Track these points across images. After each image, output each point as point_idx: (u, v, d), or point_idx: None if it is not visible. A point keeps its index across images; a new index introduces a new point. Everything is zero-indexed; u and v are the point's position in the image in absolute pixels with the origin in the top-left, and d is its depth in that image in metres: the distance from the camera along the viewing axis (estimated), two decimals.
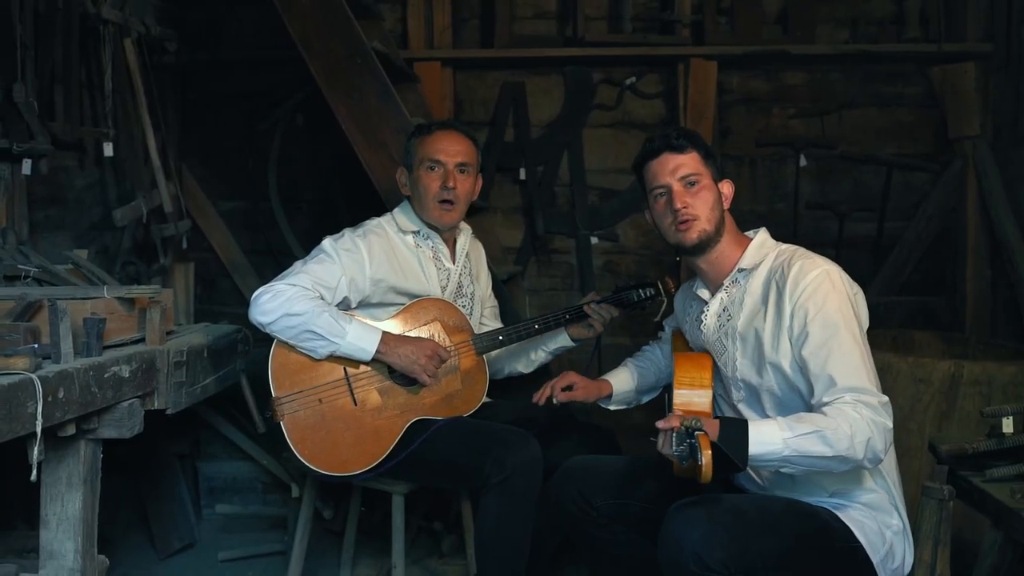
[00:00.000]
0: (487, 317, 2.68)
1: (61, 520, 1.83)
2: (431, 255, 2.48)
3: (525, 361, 2.64)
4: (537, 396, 2.31)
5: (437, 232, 2.48)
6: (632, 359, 2.44)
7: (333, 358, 2.24)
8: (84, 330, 1.83)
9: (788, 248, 1.98)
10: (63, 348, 1.72)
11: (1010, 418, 1.95)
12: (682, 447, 1.65)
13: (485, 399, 2.44)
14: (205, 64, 3.63)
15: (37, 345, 1.74)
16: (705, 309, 2.04)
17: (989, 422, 2.00)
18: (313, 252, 2.34)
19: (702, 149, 2.00)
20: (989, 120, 3.45)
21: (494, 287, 2.78)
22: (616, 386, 2.36)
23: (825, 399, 1.75)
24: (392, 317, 2.35)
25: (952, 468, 1.98)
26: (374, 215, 2.53)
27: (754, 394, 1.95)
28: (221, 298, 3.80)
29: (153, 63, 3.27)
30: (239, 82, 3.69)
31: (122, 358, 1.89)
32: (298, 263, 2.31)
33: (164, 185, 3.19)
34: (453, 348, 2.38)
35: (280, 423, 2.18)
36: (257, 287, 3.61)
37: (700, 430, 1.65)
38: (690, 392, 2.03)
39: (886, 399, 1.77)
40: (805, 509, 1.83)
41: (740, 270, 1.98)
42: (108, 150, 3.03)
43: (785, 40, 3.54)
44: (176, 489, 3.11)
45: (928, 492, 1.87)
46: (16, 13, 2.57)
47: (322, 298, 2.23)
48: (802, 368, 1.82)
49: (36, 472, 1.60)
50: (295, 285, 2.21)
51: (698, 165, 1.97)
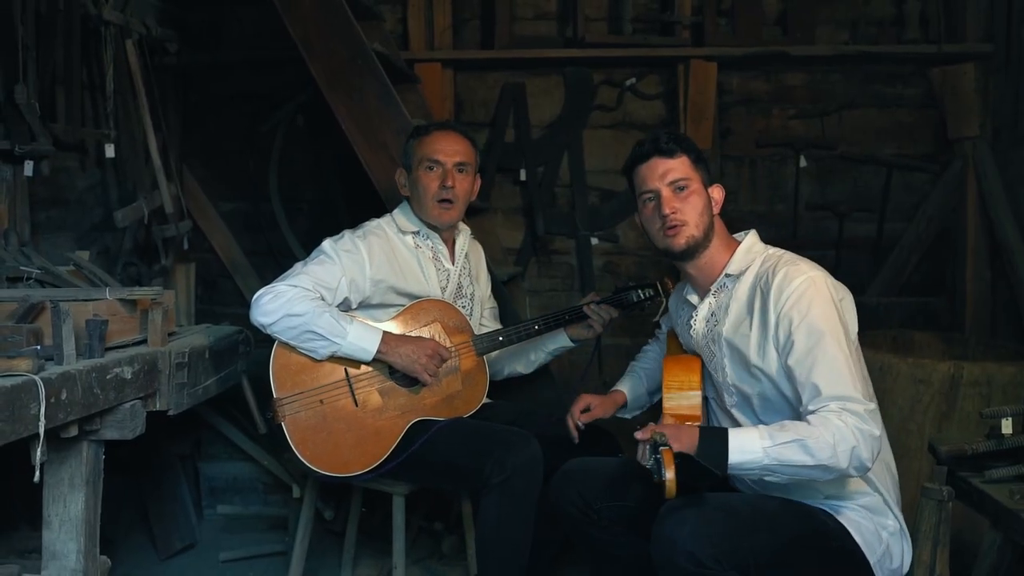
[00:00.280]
0: (486, 318, 2.69)
1: (63, 521, 1.83)
2: (431, 255, 2.49)
3: (525, 362, 2.65)
4: (573, 435, 2.30)
5: (436, 232, 2.49)
6: (636, 362, 2.46)
7: (334, 359, 2.25)
8: (86, 332, 1.84)
9: (775, 253, 1.96)
10: (65, 350, 1.73)
11: (1009, 419, 1.95)
12: (651, 461, 1.66)
13: (485, 400, 2.45)
14: (206, 65, 3.63)
15: (40, 347, 1.75)
16: (694, 314, 2.04)
17: (988, 423, 2.00)
18: (313, 253, 2.35)
19: (692, 153, 1.98)
20: (989, 121, 3.45)
21: (494, 288, 2.79)
22: (628, 394, 2.38)
23: (811, 407, 1.75)
24: (392, 318, 2.36)
25: (951, 469, 1.98)
26: (374, 216, 2.54)
27: (745, 399, 1.95)
28: (222, 299, 3.80)
29: (154, 64, 3.28)
30: (240, 83, 3.69)
31: (124, 359, 1.89)
32: (298, 264, 2.32)
33: (165, 186, 3.20)
34: (453, 349, 2.39)
35: (281, 424, 2.19)
36: (258, 288, 3.62)
37: (665, 445, 1.66)
38: (679, 395, 2.04)
39: (873, 406, 1.75)
40: (800, 509, 1.83)
41: (727, 275, 1.97)
42: (109, 151, 3.04)
43: (785, 41, 3.54)
44: (177, 490, 3.12)
45: (927, 493, 1.87)
46: (18, 14, 2.58)
47: (323, 299, 2.24)
48: (789, 376, 1.82)
49: (39, 473, 1.60)
50: (296, 286, 2.22)
51: (688, 170, 1.95)
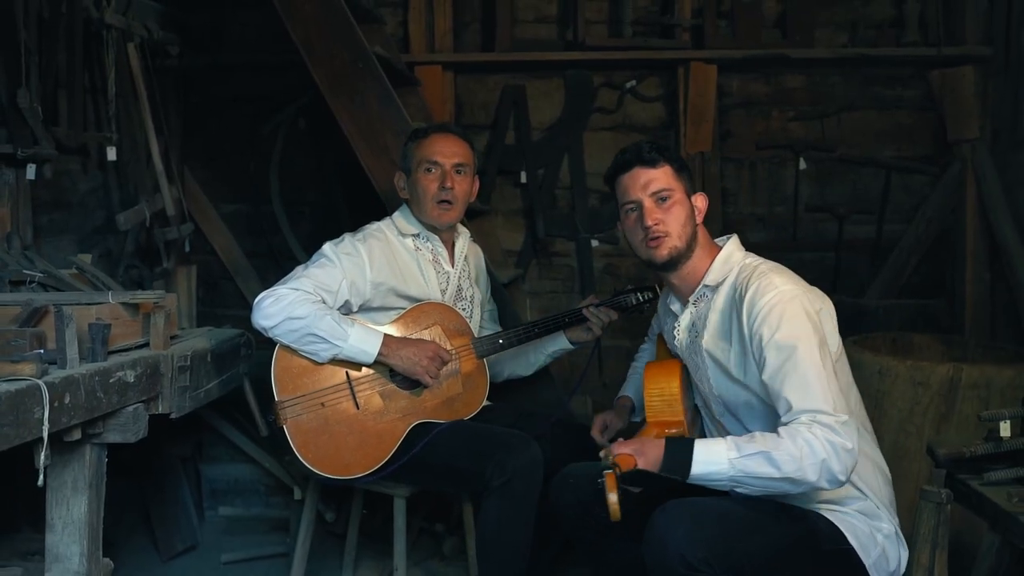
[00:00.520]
0: (486, 320, 2.70)
1: (67, 524, 1.84)
2: (431, 258, 2.50)
3: (524, 364, 2.66)
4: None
5: (436, 234, 2.51)
6: (635, 363, 2.47)
7: (335, 362, 2.26)
8: (89, 335, 1.85)
9: (751, 263, 1.94)
10: (69, 354, 1.74)
11: (1007, 422, 1.96)
12: (599, 482, 1.68)
13: (486, 402, 2.46)
14: (207, 68, 3.65)
15: (43, 351, 1.76)
16: (676, 324, 2.04)
17: (987, 426, 2.01)
18: (314, 257, 2.36)
19: (675, 162, 1.96)
20: (988, 124, 3.47)
21: (493, 290, 2.80)
22: (634, 397, 2.38)
23: (784, 420, 1.75)
24: (393, 322, 2.37)
25: (950, 471, 1.99)
26: (375, 218, 2.55)
27: (732, 409, 1.95)
28: (223, 301, 3.82)
29: (155, 67, 3.28)
30: (241, 86, 3.70)
31: (127, 363, 1.90)
32: (299, 268, 2.33)
33: (167, 189, 3.21)
34: (454, 351, 2.40)
35: (283, 427, 2.20)
36: (259, 290, 3.64)
37: (609, 468, 1.68)
38: (660, 402, 2.05)
39: (845, 418, 1.73)
40: (794, 512, 1.83)
41: (706, 286, 1.96)
42: (111, 154, 3.05)
43: (784, 44, 3.56)
44: (179, 492, 3.13)
45: (926, 495, 1.88)
46: (20, 18, 2.59)
47: (324, 302, 2.25)
48: (765, 391, 1.82)
49: (43, 477, 1.61)
50: (297, 289, 2.23)
51: (670, 180, 1.94)
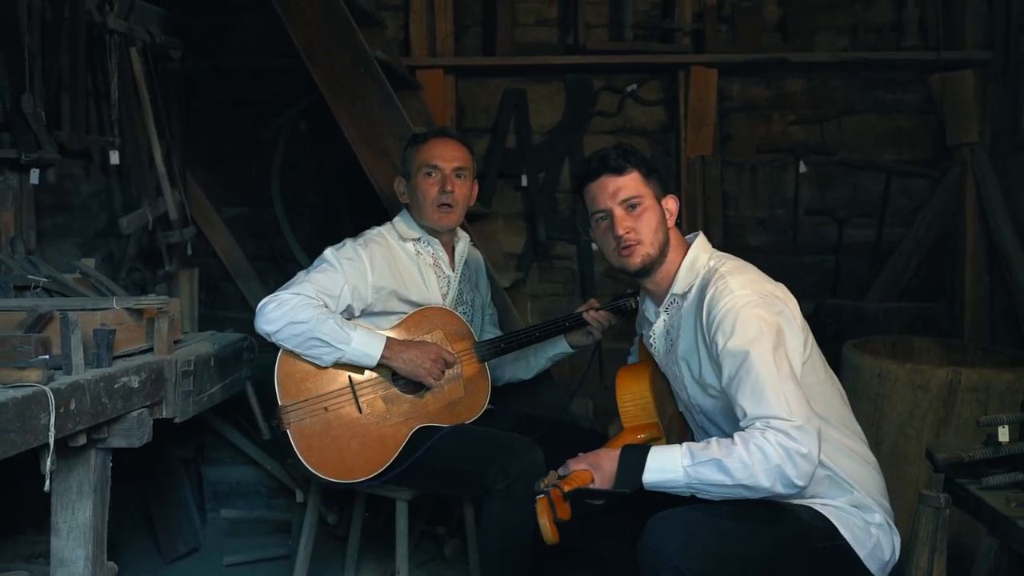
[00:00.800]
0: (486, 324, 2.72)
1: (72, 528, 1.86)
2: (431, 262, 2.52)
3: (525, 367, 2.67)
4: None
5: (437, 238, 2.52)
6: None
7: (338, 366, 2.27)
8: (94, 341, 1.86)
9: (714, 266, 1.92)
10: (74, 360, 1.75)
11: (1006, 427, 1.97)
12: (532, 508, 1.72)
13: (487, 406, 2.47)
14: (209, 72, 3.66)
15: (48, 356, 1.76)
16: (652, 332, 2.03)
17: (986, 430, 2.02)
18: (315, 262, 2.37)
19: (643, 167, 1.93)
20: (987, 127, 3.49)
21: (494, 294, 2.81)
22: None
23: (741, 426, 1.75)
24: (394, 326, 2.38)
25: (949, 476, 2.00)
26: (376, 221, 2.57)
27: (709, 415, 1.95)
28: (225, 303, 3.83)
29: (158, 71, 3.30)
30: (243, 89, 3.72)
31: (131, 368, 1.91)
32: (301, 273, 2.34)
33: (169, 192, 3.22)
34: (456, 355, 2.41)
35: (287, 431, 2.21)
36: (260, 292, 3.70)
37: (541, 494, 1.71)
38: (633, 407, 2.05)
39: (800, 423, 1.69)
40: (788, 511, 1.81)
41: (674, 295, 1.95)
42: (114, 158, 3.06)
43: (785, 48, 3.57)
44: (181, 494, 3.14)
45: (925, 500, 1.89)
46: (24, 23, 2.60)
47: (326, 306, 2.26)
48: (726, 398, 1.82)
49: (48, 482, 1.62)
50: (299, 294, 2.24)
51: (639, 186, 1.91)
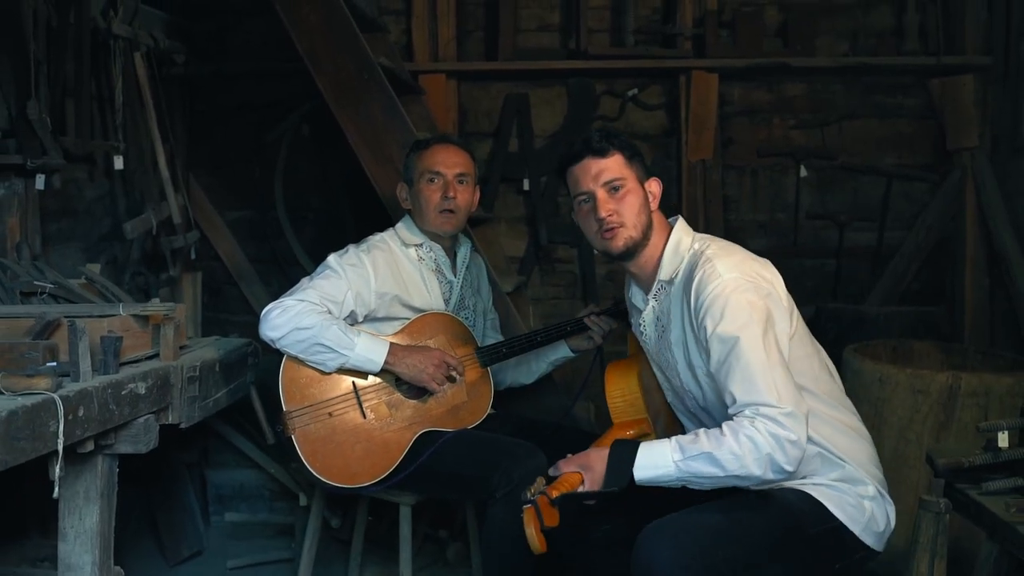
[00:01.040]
0: (488, 329, 2.73)
1: (79, 533, 1.87)
2: (434, 267, 2.53)
3: (526, 372, 2.69)
4: None
5: (439, 244, 2.54)
6: None
7: (342, 371, 2.29)
8: (101, 348, 1.87)
9: (699, 249, 1.91)
10: (82, 367, 1.76)
11: (1005, 433, 1.98)
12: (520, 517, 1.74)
13: (490, 410, 2.49)
14: (212, 76, 3.68)
15: (56, 363, 1.78)
16: (641, 320, 2.01)
17: (985, 436, 2.04)
18: (319, 269, 2.39)
19: (626, 150, 1.93)
20: (987, 132, 3.50)
21: (495, 299, 2.83)
22: None
23: (730, 413, 1.75)
24: (397, 332, 2.40)
25: (949, 481, 2.01)
26: (379, 225, 2.59)
27: (702, 402, 1.93)
28: (227, 306, 3.85)
29: (161, 75, 3.32)
30: (246, 93, 3.74)
31: (138, 375, 1.93)
32: (304, 280, 2.36)
33: (173, 197, 3.24)
34: (459, 360, 2.42)
35: (291, 437, 2.23)
36: (263, 295, 3.71)
37: (528, 503, 1.73)
38: (622, 404, 2.05)
39: (789, 409, 1.70)
40: (777, 501, 1.81)
41: (661, 281, 1.95)
42: (118, 163, 3.07)
43: (786, 52, 3.59)
44: (185, 498, 3.16)
45: (925, 505, 1.90)
46: (29, 29, 2.61)
47: (330, 312, 2.28)
48: (714, 382, 1.82)
49: (57, 488, 1.64)
50: (303, 300, 2.25)
51: (622, 168, 1.91)
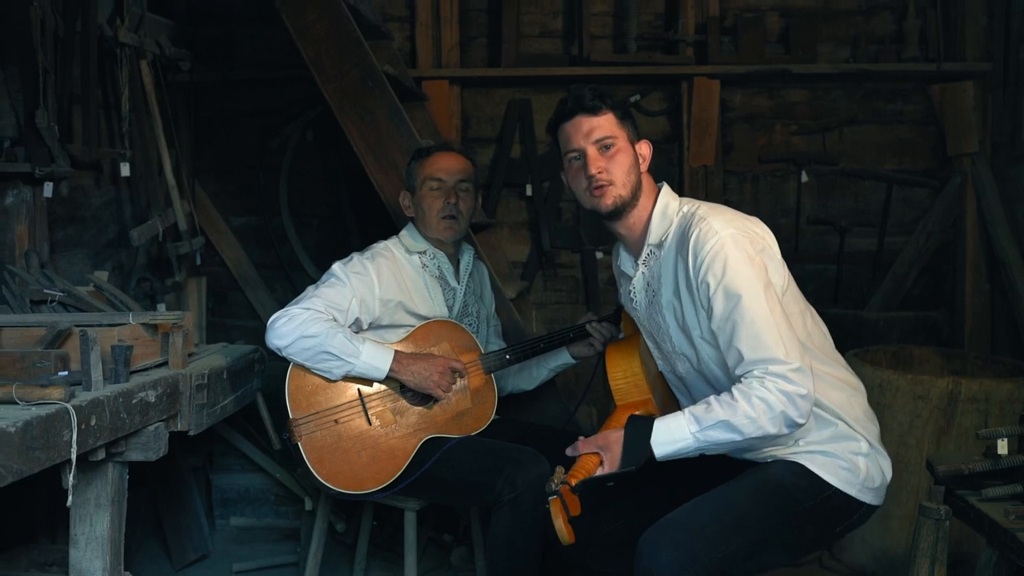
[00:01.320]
0: (491, 335, 2.76)
1: (90, 540, 1.89)
2: (437, 274, 2.56)
3: (528, 378, 2.71)
4: None
5: (443, 251, 2.56)
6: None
7: (347, 379, 2.31)
8: (112, 357, 1.90)
9: (689, 210, 1.92)
10: (94, 376, 1.79)
11: (1005, 440, 2.00)
12: (545, 508, 1.75)
13: (494, 416, 2.51)
14: (217, 82, 3.70)
15: (67, 372, 1.81)
16: (631, 286, 2.01)
17: (985, 443, 2.06)
18: (323, 277, 2.41)
19: (618, 110, 1.94)
20: (987, 138, 3.52)
21: (498, 306, 2.85)
22: None
23: (737, 372, 1.77)
24: (401, 340, 2.42)
25: (949, 487, 2.04)
26: (384, 231, 2.63)
27: (695, 365, 1.94)
28: (232, 311, 3.87)
29: (167, 82, 3.34)
30: (250, 100, 3.76)
31: (148, 383, 1.95)
32: (310, 288, 2.38)
33: (179, 203, 3.26)
34: (464, 364, 2.45)
35: (298, 444, 2.25)
36: (268, 301, 3.73)
37: (553, 495, 1.73)
38: (625, 384, 2.05)
39: (796, 364, 1.73)
40: (769, 489, 1.82)
41: (650, 245, 1.95)
42: (125, 170, 3.09)
43: (787, 59, 3.61)
44: (191, 502, 3.18)
45: (926, 512, 1.93)
46: (37, 38, 2.63)
47: (335, 320, 2.30)
48: (714, 341, 1.82)
49: (70, 497, 1.66)
50: (309, 309, 2.27)
51: (613, 127, 1.91)
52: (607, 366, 2.09)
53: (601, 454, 1.81)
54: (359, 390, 2.33)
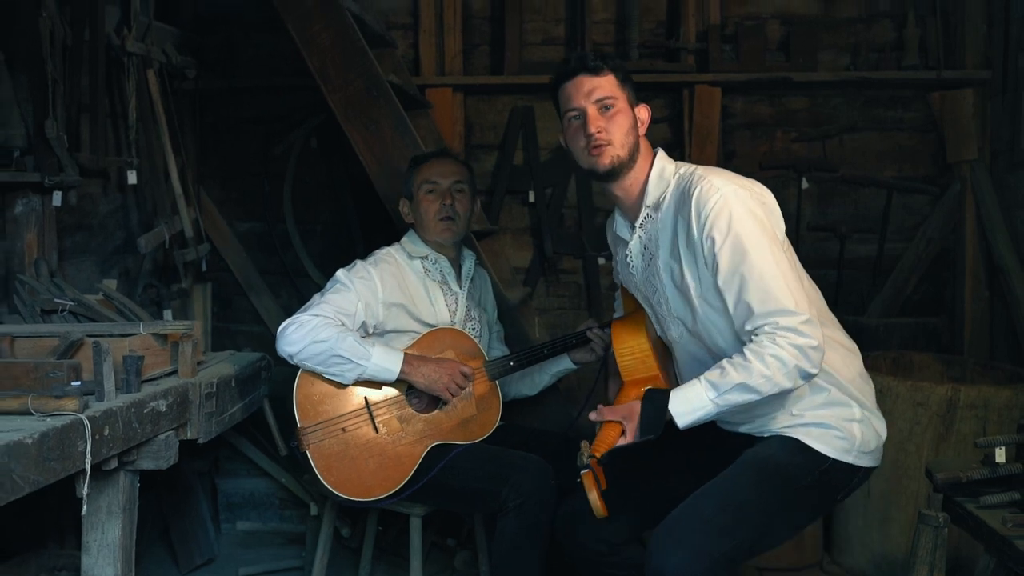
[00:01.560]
0: (494, 341, 2.79)
1: (102, 547, 1.92)
2: (439, 279, 2.59)
3: (530, 384, 2.74)
4: None
5: (444, 256, 2.60)
6: (615, 314, 2.45)
7: (355, 385, 2.34)
8: (124, 367, 1.92)
9: (686, 171, 1.93)
10: (106, 386, 1.81)
11: (1002, 448, 2.04)
12: (577, 482, 1.78)
13: (498, 422, 2.54)
14: (223, 90, 3.73)
15: (80, 382, 1.83)
16: (628, 251, 2.03)
17: (983, 451, 2.09)
18: (328, 284, 2.45)
19: (619, 72, 1.95)
20: (987, 145, 3.54)
21: (501, 312, 2.88)
22: None
23: (747, 328, 1.79)
24: (407, 348, 2.44)
25: (948, 495, 2.07)
26: (387, 237, 2.67)
27: (690, 327, 1.95)
28: (237, 316, 3.89)
29: (173, 90, 3.37)
30: (255, 107, 3.78)
31: (159, 393, 1.98)
32: (316, 295, 2.42)
33: (185, 210, 3.29)
34: (472, 369, 2.48)
35: (306, 452, 2.28)
36: (273, 307, 3.76)
37: (585, 468, 1.75)
38: (632, 360, 2.06)
39: (805, 316, 1.75)
40: (766, 473, 1.84)
41: (647, 207, 1.96)
42: (132, 178, 3.12)
43: (788, 67, 3.63)
44: (197, 506, 3.21)
45: (924, 519, 1.96)
46: (46, 48, 2.66)
47: (344, 325, 2.33)
48: (721, 296, 1.83)
49: (84, 506, 1.69)
50: (317, 315, 2.31)
51: (614, 88, 1.93)
52: (613, 342, 2.10)
53: (624, 423, 1.85)
54: (366, 398, 2.36)
